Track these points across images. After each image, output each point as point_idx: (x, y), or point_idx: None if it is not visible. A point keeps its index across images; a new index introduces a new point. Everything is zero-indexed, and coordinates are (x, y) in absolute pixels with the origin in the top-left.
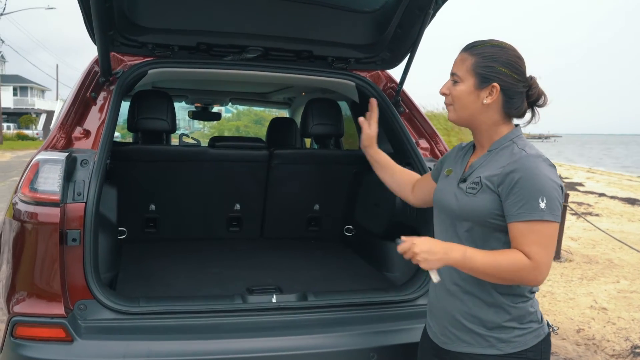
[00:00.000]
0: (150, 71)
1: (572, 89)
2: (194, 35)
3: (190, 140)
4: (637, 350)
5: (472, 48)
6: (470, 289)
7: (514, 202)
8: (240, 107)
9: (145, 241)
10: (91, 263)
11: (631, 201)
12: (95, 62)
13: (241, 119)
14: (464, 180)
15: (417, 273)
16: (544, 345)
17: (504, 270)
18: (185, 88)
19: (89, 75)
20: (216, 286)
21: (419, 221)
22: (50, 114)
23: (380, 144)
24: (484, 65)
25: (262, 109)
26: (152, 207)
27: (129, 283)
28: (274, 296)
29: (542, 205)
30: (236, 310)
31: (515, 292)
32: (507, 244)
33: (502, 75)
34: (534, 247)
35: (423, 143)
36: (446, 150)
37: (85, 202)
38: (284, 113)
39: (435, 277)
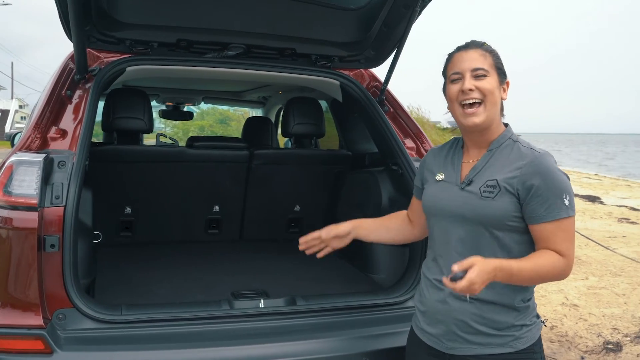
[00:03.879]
0: (128, 68)
1: (537, 90)
2: (174, 31)
3: (167, 140)
4: (610, 346)
5: (482, 46)
6: (483, 294)
7: (539, 203)
8: (204, 106)
9: (120, 245)
10: (71, 270)
11: (592, 199)
12: (70, 58)
13: (205, 118)
14: (469, 182)
15: (404, 275)
16: (540, 338)
17: (545, 274)
18: (157, 86)
19: (64, 72)
20: (200, 292)
21: None
22: (5, 113)
23: (363, 144)
24: (500, 62)
25: (227, 107)
26: (128, 209)
27: (109, 290)
28: (262, 301)
29: (567, 202)
30: (223, 317)
31: (526, 291)
32: (522, 244)
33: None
34: (564, 244)
35: (409, 142)
36: None
37: (65, 206)
38: (249, 112)
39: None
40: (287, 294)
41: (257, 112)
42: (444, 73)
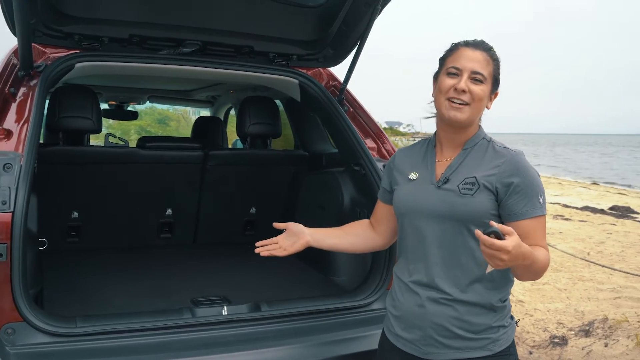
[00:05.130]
0: (77, 65)
1: None
2: (126, 26)
3: (117, 141)
4: (556, 340)
5: (489, 51)
6: (463, 296)
7: (517, 202)
8: (142, 105)
9: (67, 252)
10: (20, 281)
11: None
12: (13, 53)
13: (143, 118)
14: (446, 180)
15: (369, 277)
16: (514, 339)
17: (540, 268)
18: (101, 84)
19: (7, 68)
20: (158, 299)
21: None
22: None
23: (319, 144)
24: (498, 73)
25: (167, 107)
26: (75, 214)
27: (59, 300)
28: (225, 308)
29: (541, 200)
30: (185, 326)
31: (504, 291)
32: None
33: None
34: (542, 240)
35: (369, 142)
36: (393, 149)
37: (13, 212)
38: (188, 112)
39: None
40: (250, 300)
41: (199, 112)
42: (442, 61)
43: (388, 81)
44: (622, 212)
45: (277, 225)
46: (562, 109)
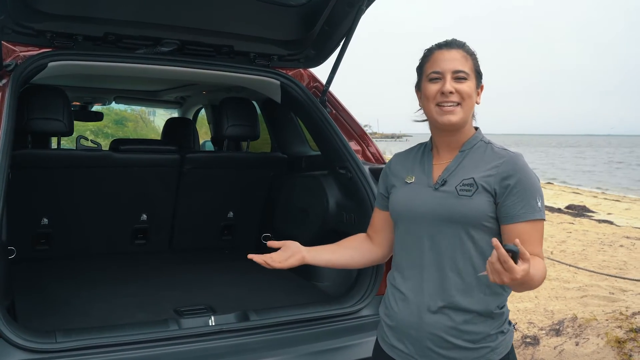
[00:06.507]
0: (50, 64)
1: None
2: (101, 24)
3: (89, 144)
4: (528, 340)
5: (463, 47)
6: (460, 303)
7: (514, 203)
8: (100, 106)
9: (37, 261)
10: None
11: None
12: None
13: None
14: (443, 183)
15: (356, 283)
16: (512, 345)
17: (538, 281)
18: (66, 84)
19: None
20: (139, 310)
21: (358, 228)
22: None
23: (298, 147)
24: (479, 66)
25: (124, 108)
26: (45, 220)
27: (33, 313)
28: (212, 318)
29: (539, 204)
30: (172, 338)
31: (502, 298)
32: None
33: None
34: (539, 247)
35: (353, 145)
36: (377, 151)
37: None
38: (146, 112)
39: None
40: (236, 309)
41: (155, 112)
42: (420, 69)
43: (342, 76)
44: (578, 211)
45: (272, 243)
46: (497, 110)
